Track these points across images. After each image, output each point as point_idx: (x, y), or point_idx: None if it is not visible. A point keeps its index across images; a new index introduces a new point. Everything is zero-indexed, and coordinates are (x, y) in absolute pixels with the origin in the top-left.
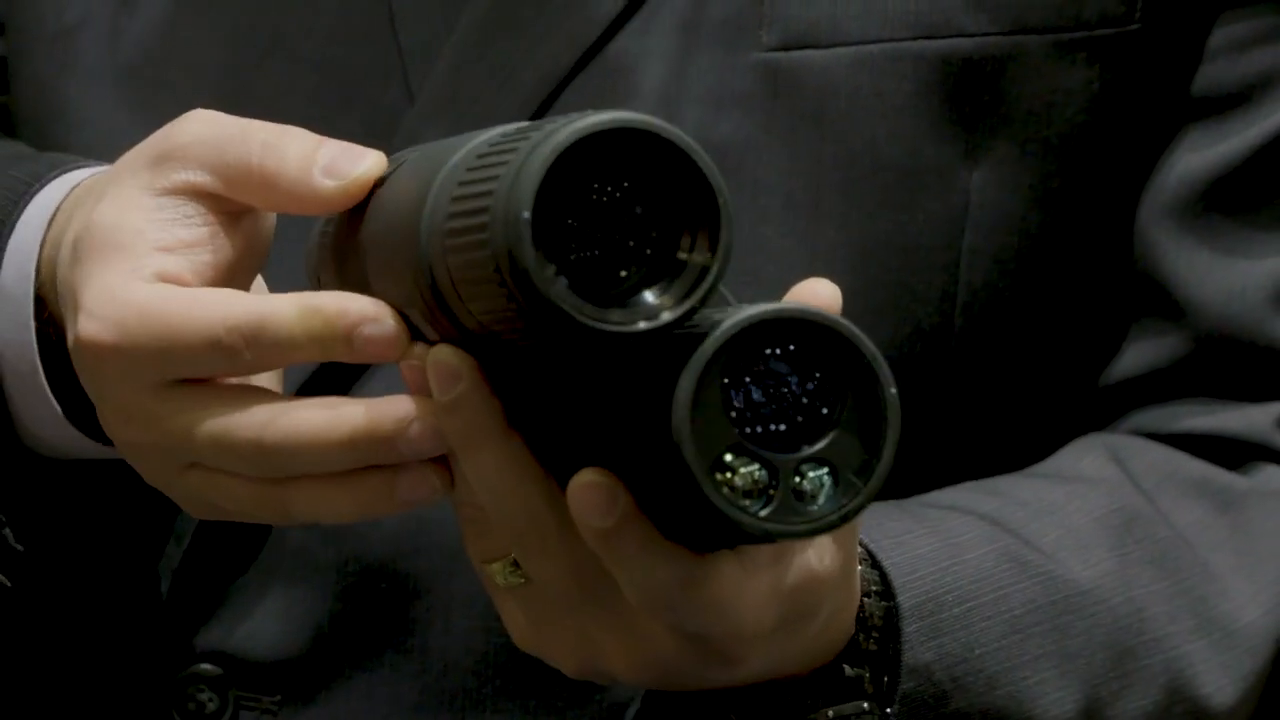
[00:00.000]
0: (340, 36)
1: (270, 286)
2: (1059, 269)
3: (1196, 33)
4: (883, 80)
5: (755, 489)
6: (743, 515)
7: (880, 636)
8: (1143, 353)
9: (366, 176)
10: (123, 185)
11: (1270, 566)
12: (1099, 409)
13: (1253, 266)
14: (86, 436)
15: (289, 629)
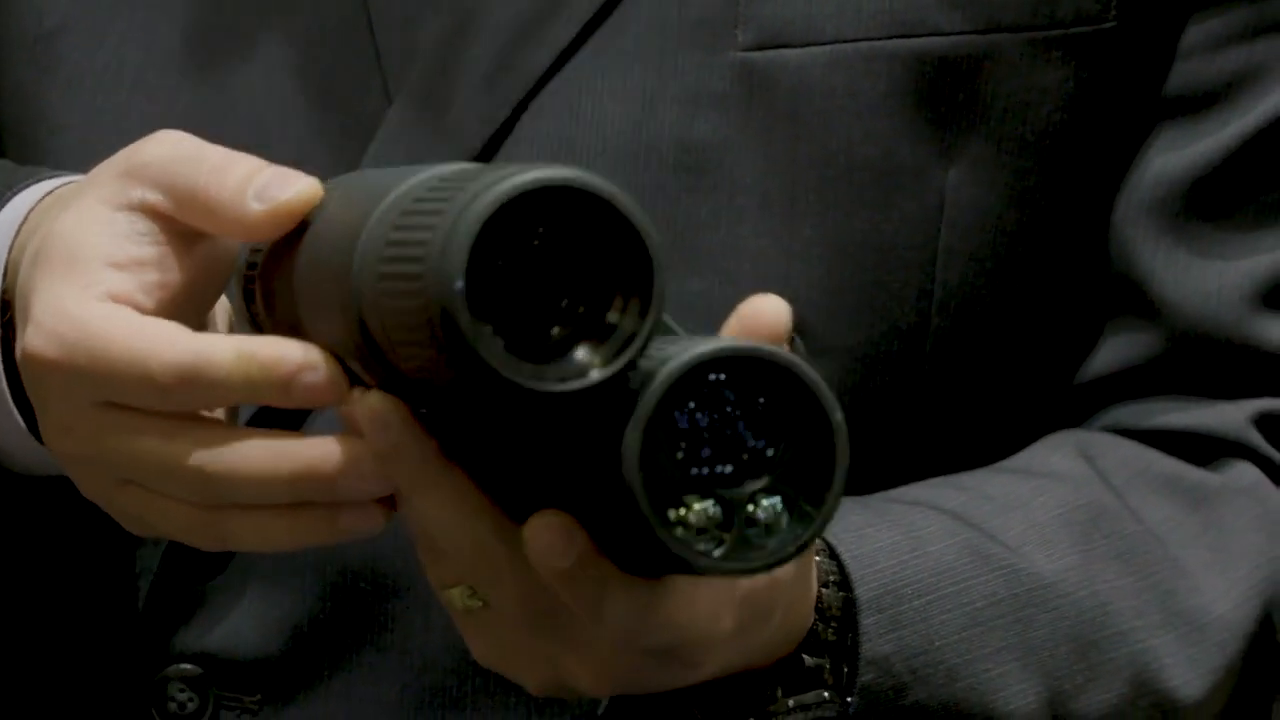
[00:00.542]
0: (317, 38)
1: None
2: (1035, 268)
3: (1172, 31)
4: (858, 79)
5: (709, 525)
6: (699, 558)
7: (839, 627)
8: (1118, 350)
9: (295, 202)
10: (86, 197)
11: (1241, 563)
12: (1075, 406)
13: (1229, 266)
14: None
15: (268, 628)
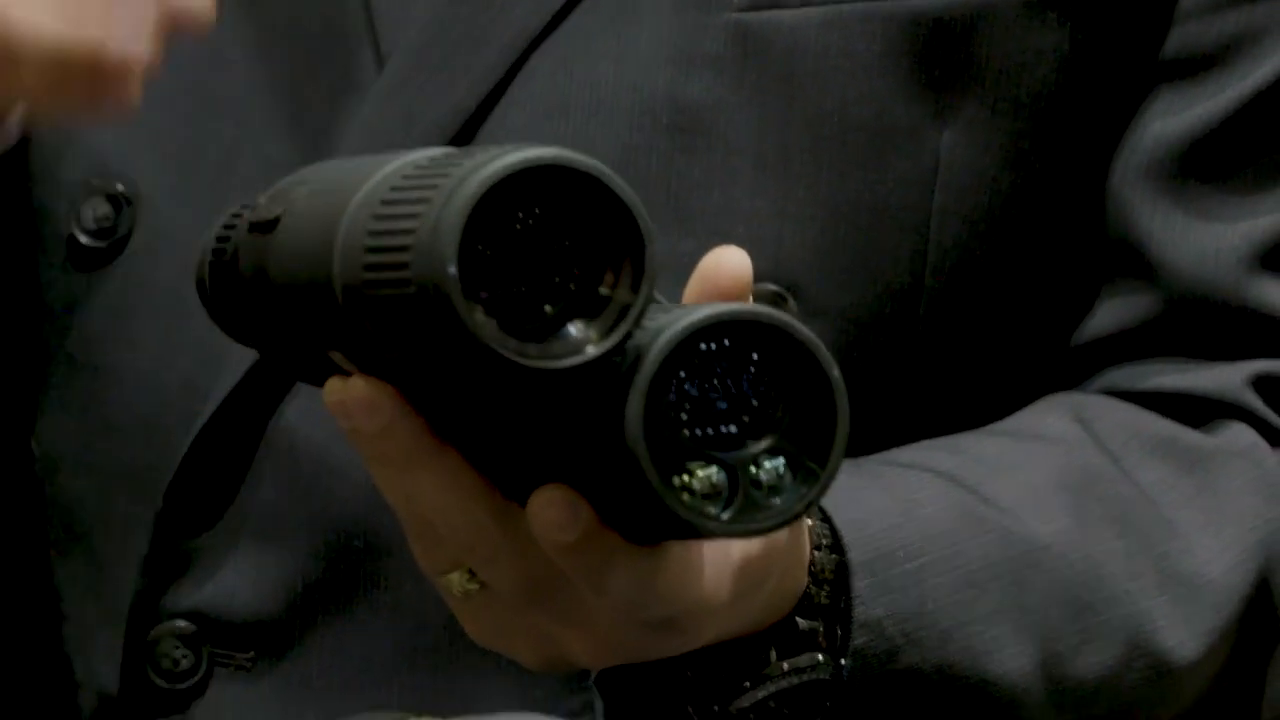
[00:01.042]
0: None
1: None
2: (1030, 230)
3: None
4: (852, 40)
5: (714, 490)
6: (706, 521)
7: (831, 590)
8: (1115, 312)
9: None
10: None
11: (1236, 526)
12: (1071, 368)
13: (1227, 228)
14: None
15: (261, 586)
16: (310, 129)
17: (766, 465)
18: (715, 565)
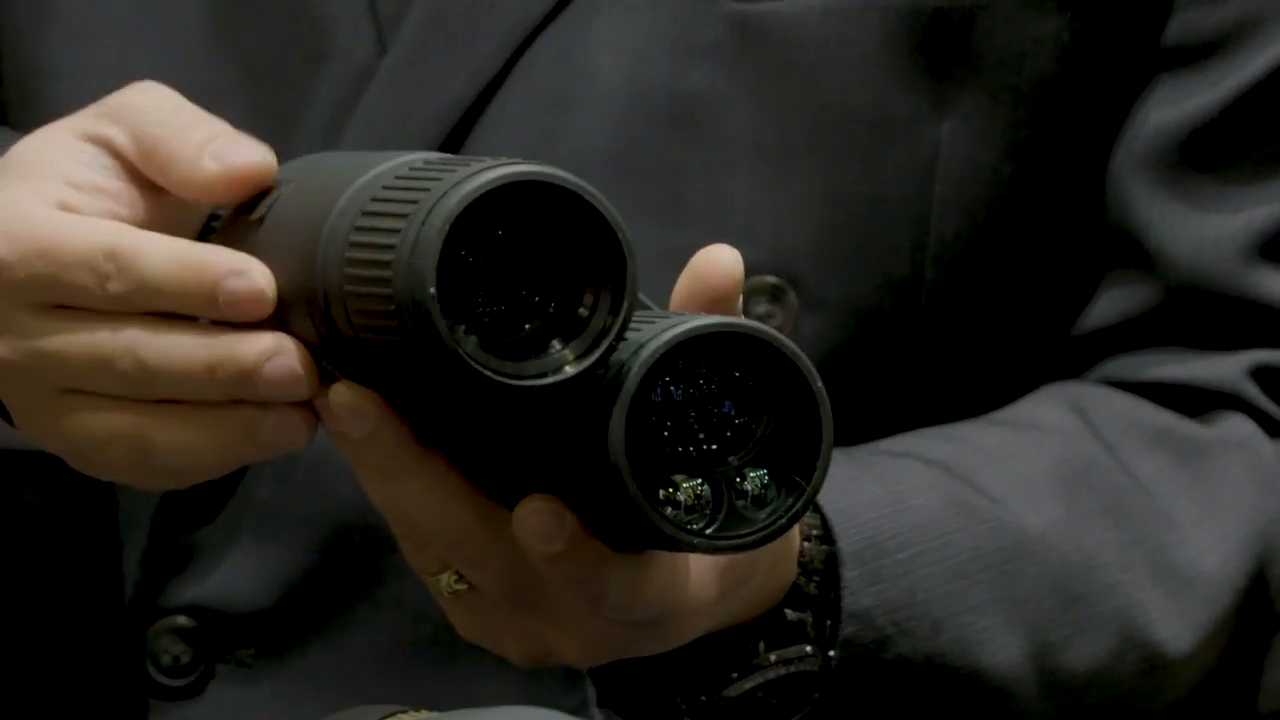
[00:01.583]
0: None
1: None
2: (1030, 220)
3: None
4: (851, 30)
5: (699, 504)
6: (691, 537)
7: (821, 581)
8: (1114, 302)
9: (248, 167)
10: (55, 126)
11: (1232, 517)
12: (1070, 359)
13: (1226, 219)
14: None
15: (261, 582)
16: (314, 118)
17: (751, 477)
18: (703, 567)
